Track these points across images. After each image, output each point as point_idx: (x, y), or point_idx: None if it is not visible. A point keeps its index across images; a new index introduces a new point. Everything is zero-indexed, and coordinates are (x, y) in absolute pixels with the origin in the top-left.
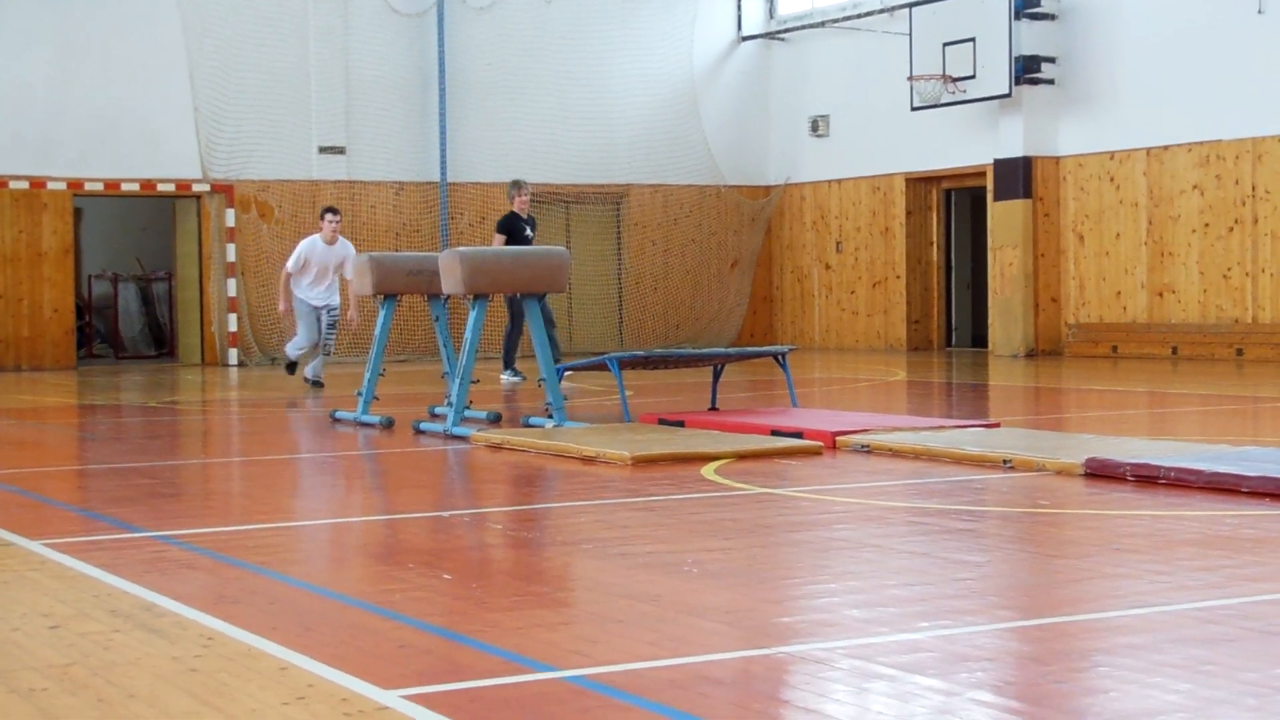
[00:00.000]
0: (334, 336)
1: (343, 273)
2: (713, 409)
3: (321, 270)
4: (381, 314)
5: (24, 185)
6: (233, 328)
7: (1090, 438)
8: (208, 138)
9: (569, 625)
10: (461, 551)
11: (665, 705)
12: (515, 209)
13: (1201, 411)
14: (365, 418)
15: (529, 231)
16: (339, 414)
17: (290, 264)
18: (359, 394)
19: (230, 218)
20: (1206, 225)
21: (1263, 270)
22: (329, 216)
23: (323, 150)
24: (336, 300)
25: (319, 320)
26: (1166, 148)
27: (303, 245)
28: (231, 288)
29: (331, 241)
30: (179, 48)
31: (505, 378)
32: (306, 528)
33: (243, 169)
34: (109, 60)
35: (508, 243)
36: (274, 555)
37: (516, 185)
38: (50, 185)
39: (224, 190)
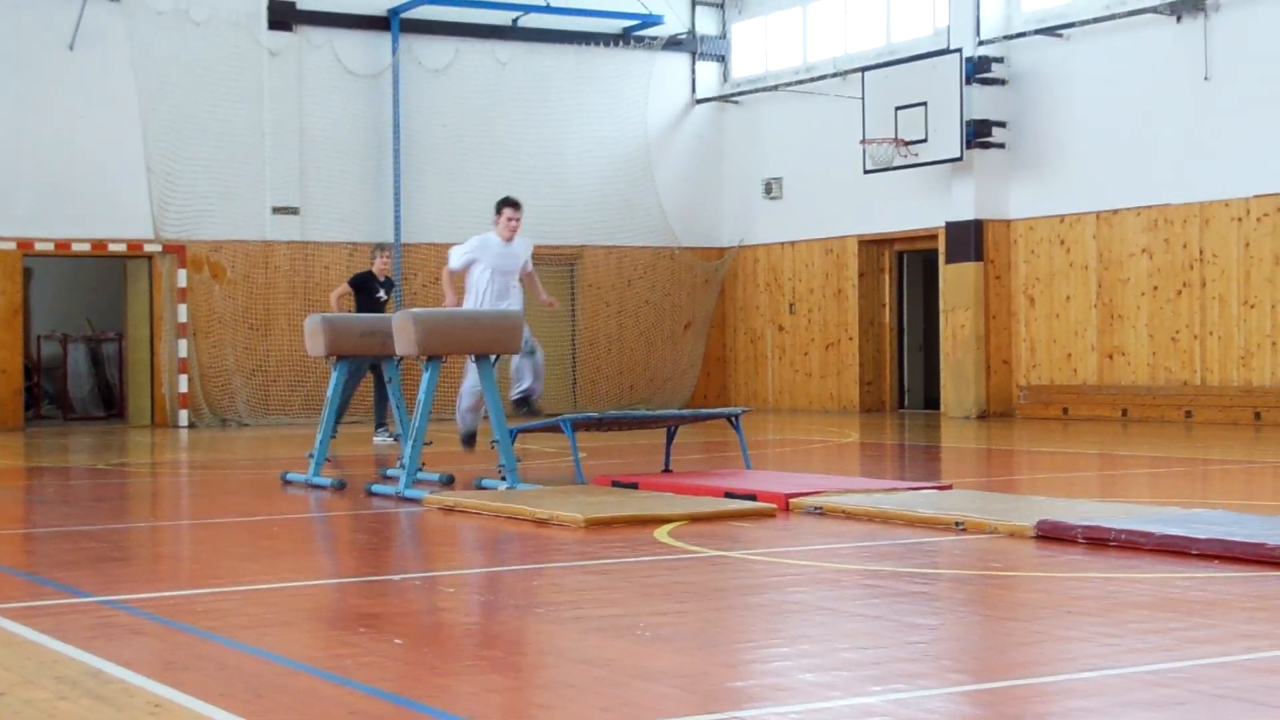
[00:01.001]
0: (538, 356)
1: (526, 271)
2: (666, 470)
3: (497, 274)
4: (334, 375)
5: None
6: (184, 389)
7: (1041, 500)
8: (160, 197)
9: (521, 690)
10: (413, 615)
11: None
12: (374, 269)
13: (1151, 474)
14: (317, 479)
15: (382, 294)
16: (290, 475)
17: (453, 260)
18: (310, 455)
19: (182, 278)
20: (1155, 288)
21: (1210, 333)
22: (508, 211)
23: (276, 210)
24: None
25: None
26: (1115, 211)
27: (472, 242)
28: (183, 348)
29: (509, 239)
30: (132, 107)
31: (378, 439)
32: (256, 592)
33: (195, 229)
34: (61, 119)
35: (356, 299)
36: (223, 620)
37: (379, 248)
38: (0, 244)
39: (176, 250)
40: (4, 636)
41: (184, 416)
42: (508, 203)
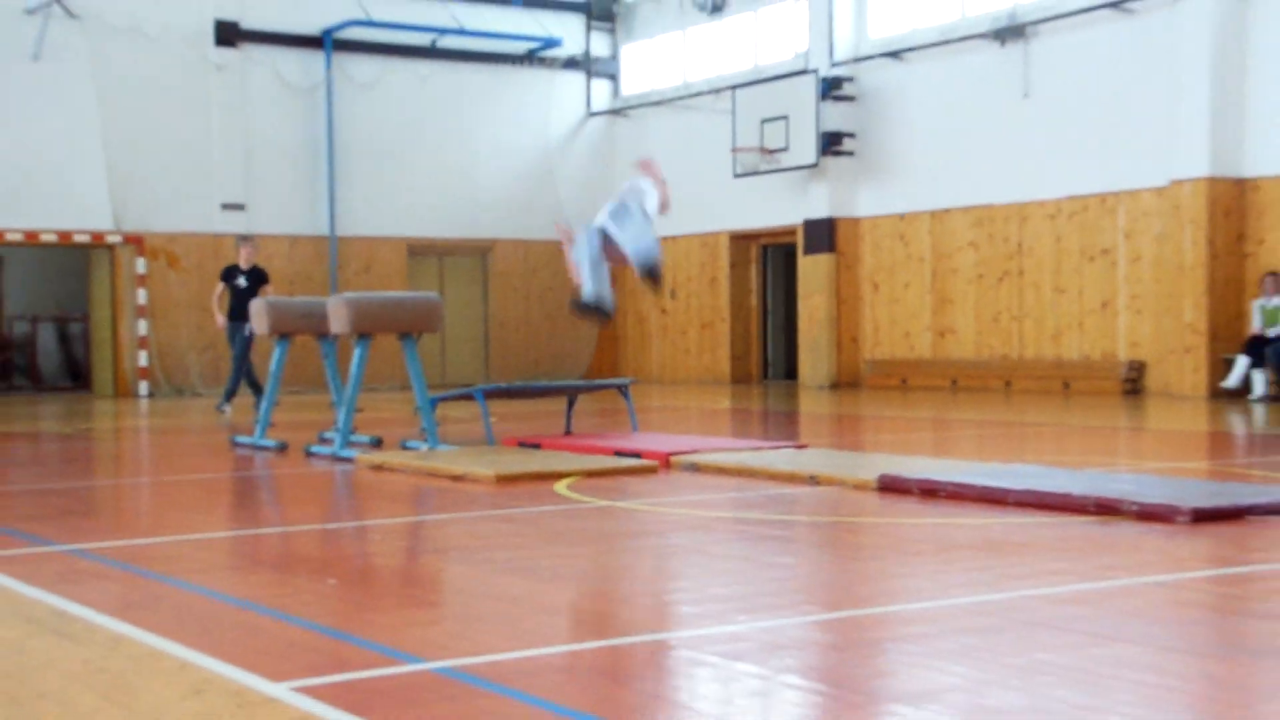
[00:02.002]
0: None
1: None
2: (566, 433)
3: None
4: (276, 351)
5: None
6: (143, 363)
7: (883, 457)
8: (120, 194)
9: (438, 623)
10: (345, 559)
11: (519, 691)
12: (239, 261)
13: (976, 434)
14: (262, 442)
15: (242, 281)
16: (238, 439)
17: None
18: (258, 421)
19: (140, 266)
20: (980, 276)
21: (1027, 315)
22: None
23: (225, 207)
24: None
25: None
26: (947, 210)
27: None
28: (142, 328)
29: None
30: (93, 113)
31: (226, 409)
32: (207, 540)
33: (152, 223)
34: (28, 123)
35: (227, 287)
36: (177, 565)
37: (243, 239)
38: None
39: (135, 241)
40: None
41: (144, 387)
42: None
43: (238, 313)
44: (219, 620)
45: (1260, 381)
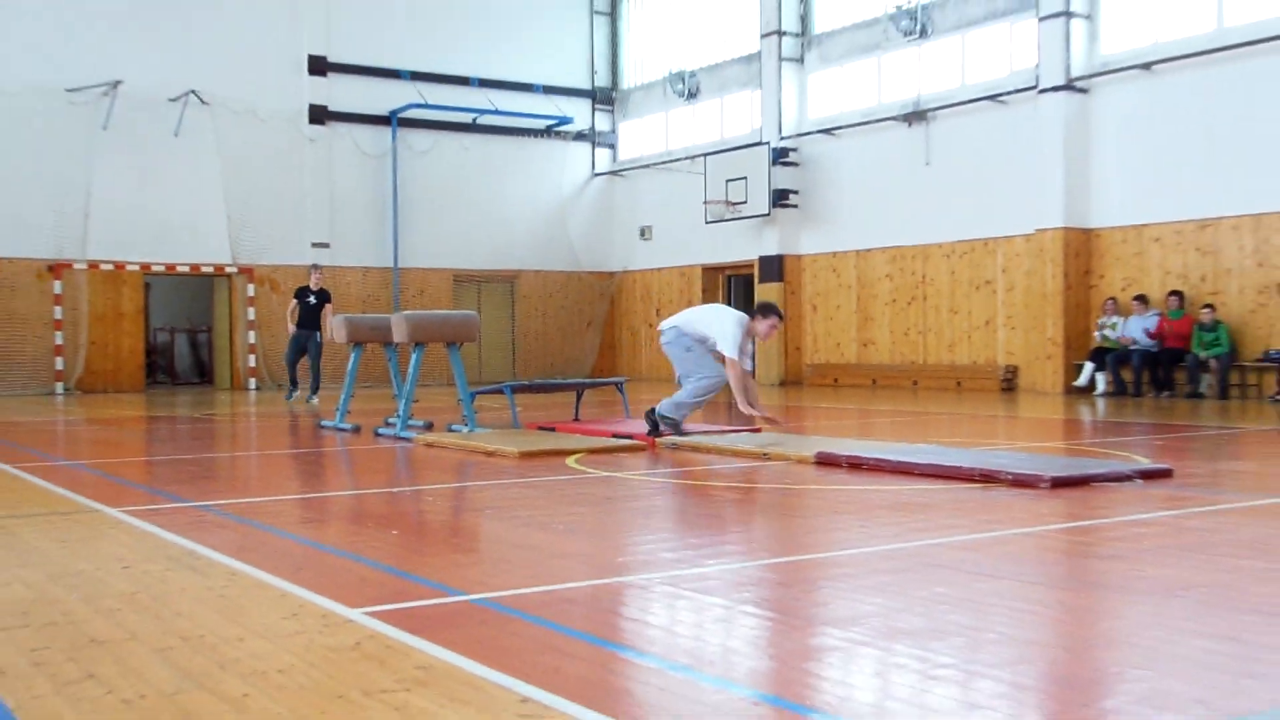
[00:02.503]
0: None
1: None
2: (575, 420)
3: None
4: (353, 355)
5: (110, 268)
6: (252, 364)
7: (820, 438)
8: (235, 236)
9: (476, 565)
10: (404, 515)
11: (538, 617)
12: (309, 283)
13: (891, 421)
14: (341, 425)
15: (311, 299)
16: (324, 422)
17: (731, 351)
18: (338, 409)
19: (250, 290)
20: (894, 300)
21: (929, 330)
22: (773, 319)
23: (314, 245)
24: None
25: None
26: (869, 250)
27: (739, 324)
28: (251, 337)
29: (765, 339)
30: (217, 174)
31: (294, 395)
32: (299, 499)
33: (259, 257)
34: (169, 183)
35: (298, 304)
36: (277, 518)
37: (314, 267)
38: (128, 268)
39: (246, 271)
40: (131, 529)
41: (252, 382)
42: (774, 311)
43: (306, 322)
44: (309, 560)
45: (1101, 381)
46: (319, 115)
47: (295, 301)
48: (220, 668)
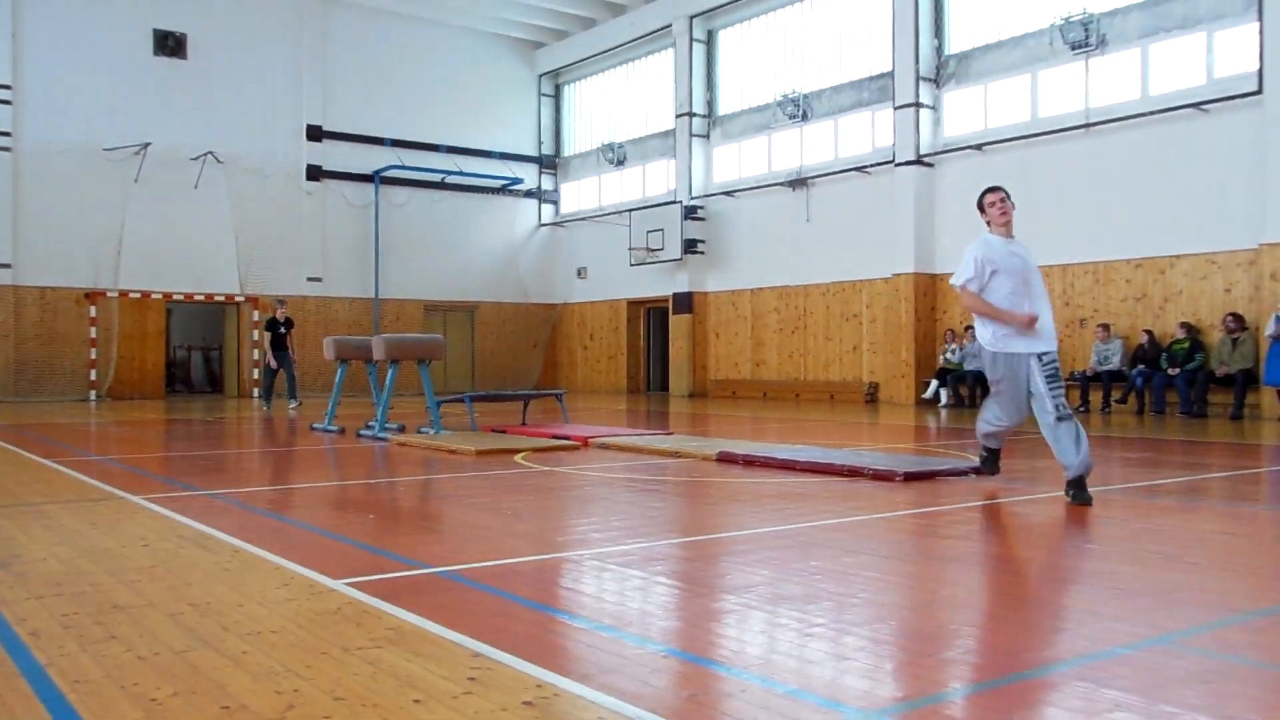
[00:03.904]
0: (1059, 397)
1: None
2: (523, 424)
3: (1019, 283)
4: (339, 370)
5: (138, 296)
6: (255, 377)
7: (720, 440)
8: (244, 271)
9: (440, 543)
10: (381, 502)
11: (490, 586)
12: (276, 315)
13: (778, 427)
14: (329, 428)
15: (281, 329)
16: (314, 425)
17: (964, 278)
18: (327, 415)
19: (255, 315)
20: (780, 329)
21: (809, 353)
22: (990, 196)
23: (309, 279)
24: (1051, 341)
25: (1025, 379)
26: (761, 289)
27: (974, 249)
28: (255, 355)
29: (1007, 231)
30: (230, 221)
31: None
32: (292, 488)
33: (263, 288)
34: (189, 226)
35: (270, 335)
36: (274, 504)
37: (279, 301)
38: (153, 296)
39: (252, 300)
40: (150, 514)
41: (255, 392)
42: (990, 189)
43: (280, 346)
44: (299, 539)
45: (944, 395)
46: (315, 173)
47: (269, 334)
48: (224, 629)
